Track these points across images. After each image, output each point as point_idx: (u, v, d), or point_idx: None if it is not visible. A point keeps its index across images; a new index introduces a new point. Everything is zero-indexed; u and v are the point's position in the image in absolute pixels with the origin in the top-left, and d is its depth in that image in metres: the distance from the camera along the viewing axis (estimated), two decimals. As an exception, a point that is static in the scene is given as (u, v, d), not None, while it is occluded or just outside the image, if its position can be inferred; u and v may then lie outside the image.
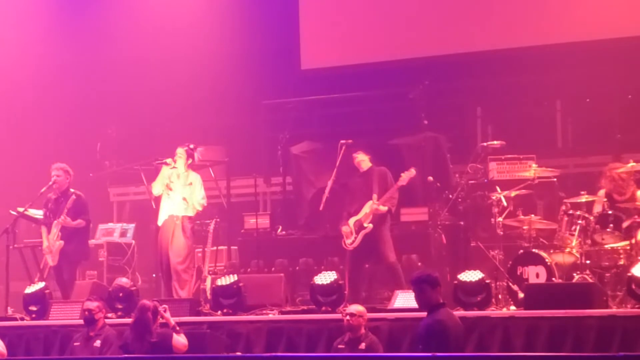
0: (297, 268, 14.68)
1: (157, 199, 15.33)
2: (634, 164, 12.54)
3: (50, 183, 14.47)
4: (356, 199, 13.52)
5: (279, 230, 15.73)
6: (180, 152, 14.17)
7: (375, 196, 13.29)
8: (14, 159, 16.26)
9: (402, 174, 13.38)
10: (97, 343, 11.66)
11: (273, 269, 14.85)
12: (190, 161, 14.13)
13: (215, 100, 16.63)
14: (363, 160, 13.58)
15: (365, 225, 13.24)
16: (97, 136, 17.00)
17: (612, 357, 9.82)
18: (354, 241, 13.30)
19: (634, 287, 11.28)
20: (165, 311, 11.37)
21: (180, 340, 11.21)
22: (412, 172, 13.46)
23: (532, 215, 13.18)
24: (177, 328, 11.37)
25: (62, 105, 17.12)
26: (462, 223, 14.36)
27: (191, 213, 13.94)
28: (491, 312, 11.77)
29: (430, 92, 15.89)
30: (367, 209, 13.29)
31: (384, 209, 13.28)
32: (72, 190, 14.67)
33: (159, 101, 16.87)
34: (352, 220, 13.35)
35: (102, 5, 17.70)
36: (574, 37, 15.15)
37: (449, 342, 9.46)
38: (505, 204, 13.27)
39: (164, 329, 11.35)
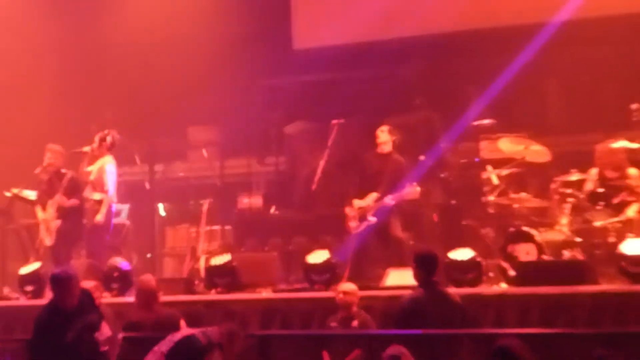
0: (291, 247, 14.80)
1: (151, 180, 15.57)
2: (627, 142, 12.71)
3: (45, 164, 14.63)
4: (365, 180, 13.59)
5: (273, 209, 15.87)
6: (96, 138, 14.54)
7: (373, 195, 13.36)
8: (8, 141, 16.27)
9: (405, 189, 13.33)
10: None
11: (266, 248, 14.99)
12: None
13: (208, 81, 16.60)
14: (386, 143, 13.60)
15: (369, 218, 13.32)
16: (92, 118, 17.03)
17: (603, 333, 10.13)
18: (357, 227, 13.42)
19: (623, 264, 11.41)
20: None
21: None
22: (417, 190, 13.41)
23: (523, 194, 13.34)
24: None
25: (57, 86, 17.11)
26: (453, 202, 14.51)
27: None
28: (483, 289, 11.87)
29: (424, 71, 16.05)
30: (371, 201, 13.38)
31: (390, 202, 13.31)
32: (63, 170, 14.85)
33: (154, 83, 16.80)
34: (357, 203, 13.46)
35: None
36: (566, 15, 15.10)
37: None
38: (496, 182, 13.43)
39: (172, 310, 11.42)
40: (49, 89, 17.02)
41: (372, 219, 13.31)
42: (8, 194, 14.91)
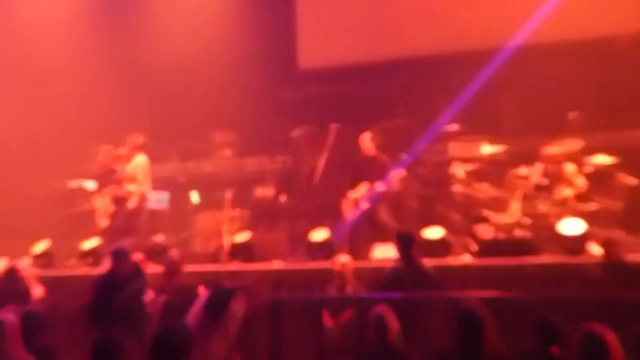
0: (296, 228, 14.81)
1: (185, 174, 15.62)
2: (564, 145, 12.80)
3: (99, 161, 14.75)
4: (357, 176, 13.66)
5: (282, 198, 15.94)
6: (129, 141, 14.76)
7: (364, 186, 13.46)
8: (69, 140, 16.29)
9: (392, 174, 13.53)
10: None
11: (277, 229, 15.05)
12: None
13: (230, 93, 16.55)
14: (369, 148, 13.68)
15: (361, 205, 13.40)
16: (135, 123, 17.05)
17: (546, 295, 10.25)
18: (351, 213, 13.51)
19: (562, 241, 11.58)
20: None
21: None
22: (402, 173, 13.64)
23: (484, 185, 13.47)
24: None
25: (108, 94, 17.01)
26: (428, 191, 14.54)
27: None
28: (451, 261, 12.04)
29: (404, 86, 16.07)
30: (362, 192, 13.46)
31: (381, 188, 13.43)
32: (114, 166, 14.96)
33: (186, 95, 16.91)
34: (351, 194, 13.56)
35: (135, 8, 17.71)
36: (517, 41, 15.09)
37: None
38: (462, 176, 13.53)
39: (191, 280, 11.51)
40: (101, 97, 16.94)
41: (364, 206, 13.43)
42: (72, 185, 14.97)
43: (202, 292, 10.63)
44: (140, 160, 14.64)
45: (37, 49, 17.29)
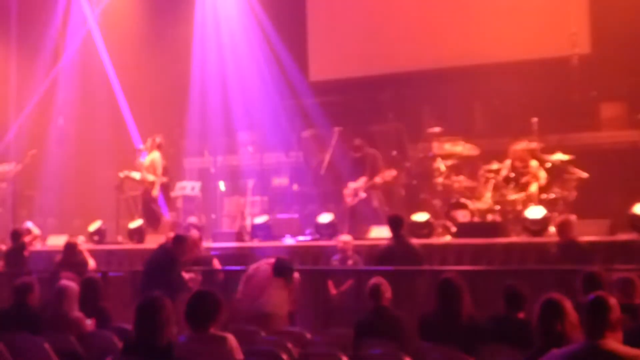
0: (306, 212, 14.80)
1: (214, 166, 15.61)
2: (529, 143, 12.76)
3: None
4: (355, 169, 13.68)
5: (295, 186, 15.94)
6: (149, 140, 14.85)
7: (363, 179, 13.41)
8: (123, 135, 16.20)
9: (385, 172, 13.51)
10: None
11: (290, 212, 14.99)
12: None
13: (252, 100, 16.59)
14: (358, 147, 13.70)
15: (360, 194, 13.38)
16: (178, 124, 17.08)
17: (512, 269, 10.25)
18: (351, 200, 13.47)
19: (527, 224, 11.54)
20: None
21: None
22: (393, 172, 13.60)
23: (461, 177, 13.42)
24: None
25: (152, 99, 17.04)
26: (415, 182, 14.48)
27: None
28: (433, 240, 11.99)
29: (394, 95, 16.06)
30: (361, 183, 13.42)
31: (379, 181, 13.41)
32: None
33: (216, 100, 16.81)
34: (351, 185, 13.51)
35: (177, 29, 17.58)
36: (490, 59, 15.16)
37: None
38: (443, 169, 13.50)
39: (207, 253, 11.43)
40: (148, 102, 16.95)
41: (363, 195, 13.41)
42: (121, 175, 14.98)
43: (216, 264, 10.69)
44: (156, 156, 14.61)
45: (99, 61, 17.33)
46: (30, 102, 17.33)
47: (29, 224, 13.82)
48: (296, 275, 9.52)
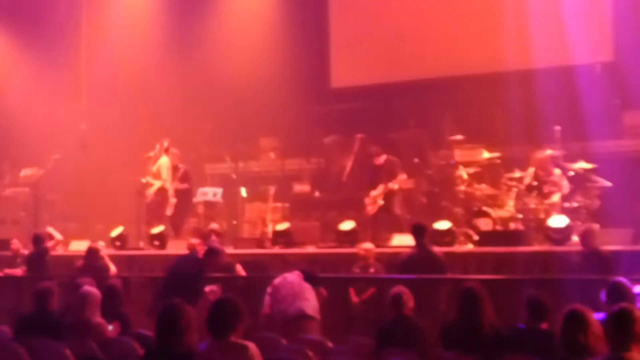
0: (328, 218, 14.74)
1: (236, 173, 15.60)
2: (551, 151, 12.69)
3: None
4: (375, 176, 13.55)
5: (316, 193, 15.91)
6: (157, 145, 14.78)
7: (381, 186, 13.33)
8: (142, 143, 16.22)
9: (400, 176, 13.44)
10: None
11: (312, 219, 15.02)
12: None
13: (274, 107, 16.50)
14: (379, 157, 13.57)
15: (379, 202, 13.34)
16: (197, 131, 17.10)
17: (534, 278, 10.17)
18: (372, 209, 13.40)
19: (549, 233, 11.47)
20: None
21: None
22: (404, 176, 13.54)
23: (483, 185, 13.36)
24: None
25: (176, 107, 17.05)
26: (437, 190, 14.44)
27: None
28: (455, 248, 11.91)
29: (415, 103, 16.01)
30: (380, 190, 13.34)
31: (394, 187, 13.33)
32: (180, 165, 14.97)
33: (238, 106, 16.77)
34: (372, 193, 13.43)
35: (199, 36, 17.52)
36: (512, 66, 14.93)
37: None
38: (465, 177, 13.45)
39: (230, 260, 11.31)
40: (170, 109, 16.95)
41: (380, 202, 13.36)
42: (143, 181, 14.98)
43: (239, 269, 10.67)
44: (165, 160, 14.61)
45: (122, 66, 17.35)
46: (53, 106, 17.35)
47: (50, 229, 13.85)
48: (323, 291, 9.49)
